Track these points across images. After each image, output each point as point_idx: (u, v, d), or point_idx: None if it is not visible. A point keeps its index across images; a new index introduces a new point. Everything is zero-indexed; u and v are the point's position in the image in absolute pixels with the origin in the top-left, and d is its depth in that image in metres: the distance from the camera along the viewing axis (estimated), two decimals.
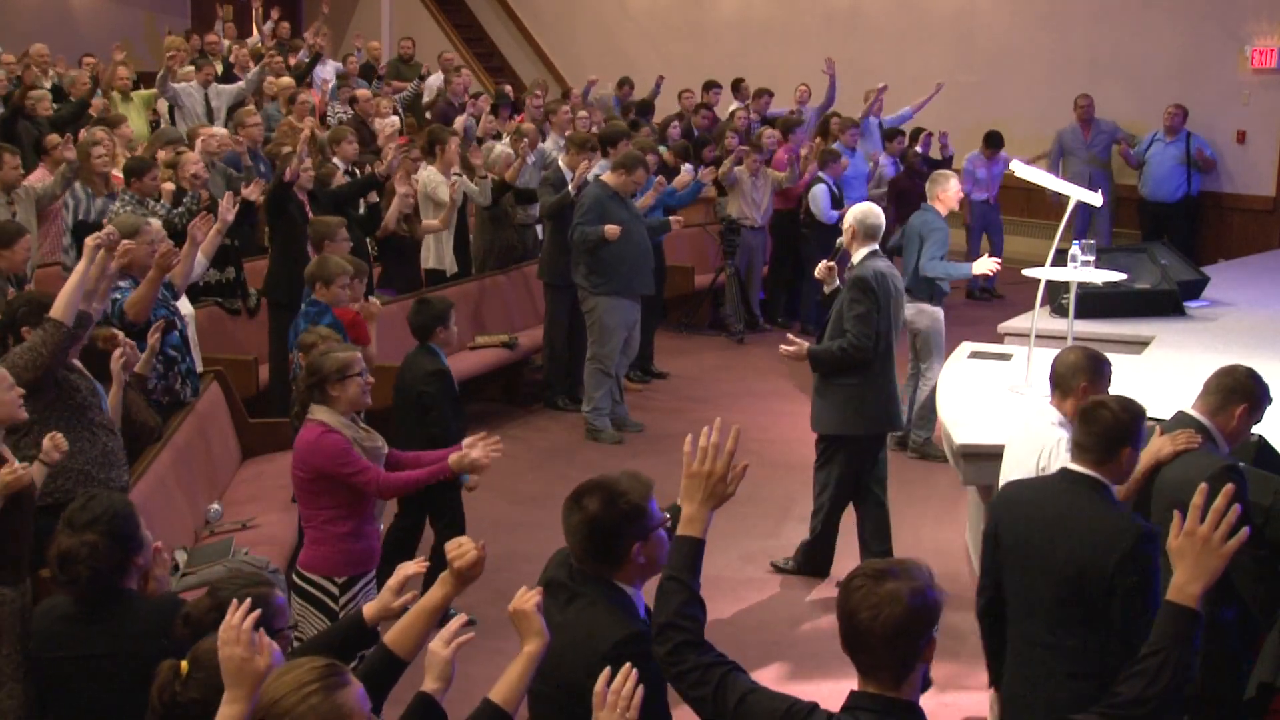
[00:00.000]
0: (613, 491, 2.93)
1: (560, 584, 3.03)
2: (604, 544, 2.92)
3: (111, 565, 3.25)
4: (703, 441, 2.80)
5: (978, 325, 9.05)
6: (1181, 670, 2.59)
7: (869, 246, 6.07)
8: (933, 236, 7.60)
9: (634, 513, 2.91)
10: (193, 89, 11.01)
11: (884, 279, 5.99)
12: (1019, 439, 4.51)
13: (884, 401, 6.09)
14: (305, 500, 4.65)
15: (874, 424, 6.12)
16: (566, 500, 3.00)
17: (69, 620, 3.26)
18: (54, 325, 4.54)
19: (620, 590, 2.97)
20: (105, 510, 3.29)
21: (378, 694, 2.92)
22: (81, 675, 3.22)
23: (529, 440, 8.54)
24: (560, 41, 17.35)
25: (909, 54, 14.17)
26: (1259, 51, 12.31)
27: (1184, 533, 2.63)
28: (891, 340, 6.05)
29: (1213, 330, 7.59)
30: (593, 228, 8.03)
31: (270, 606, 3.02)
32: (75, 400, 4.68)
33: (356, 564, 4.60)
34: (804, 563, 6.41)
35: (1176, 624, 2.64)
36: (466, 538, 3.03)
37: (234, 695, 2.53)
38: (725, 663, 2.66)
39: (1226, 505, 2.61)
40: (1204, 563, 2.60)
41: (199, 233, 6.10)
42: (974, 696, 5.29)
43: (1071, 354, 4.37)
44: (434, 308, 5.83)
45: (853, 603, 2.44)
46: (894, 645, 2.41)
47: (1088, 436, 3.62)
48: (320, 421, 4.51)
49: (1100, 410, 3.63)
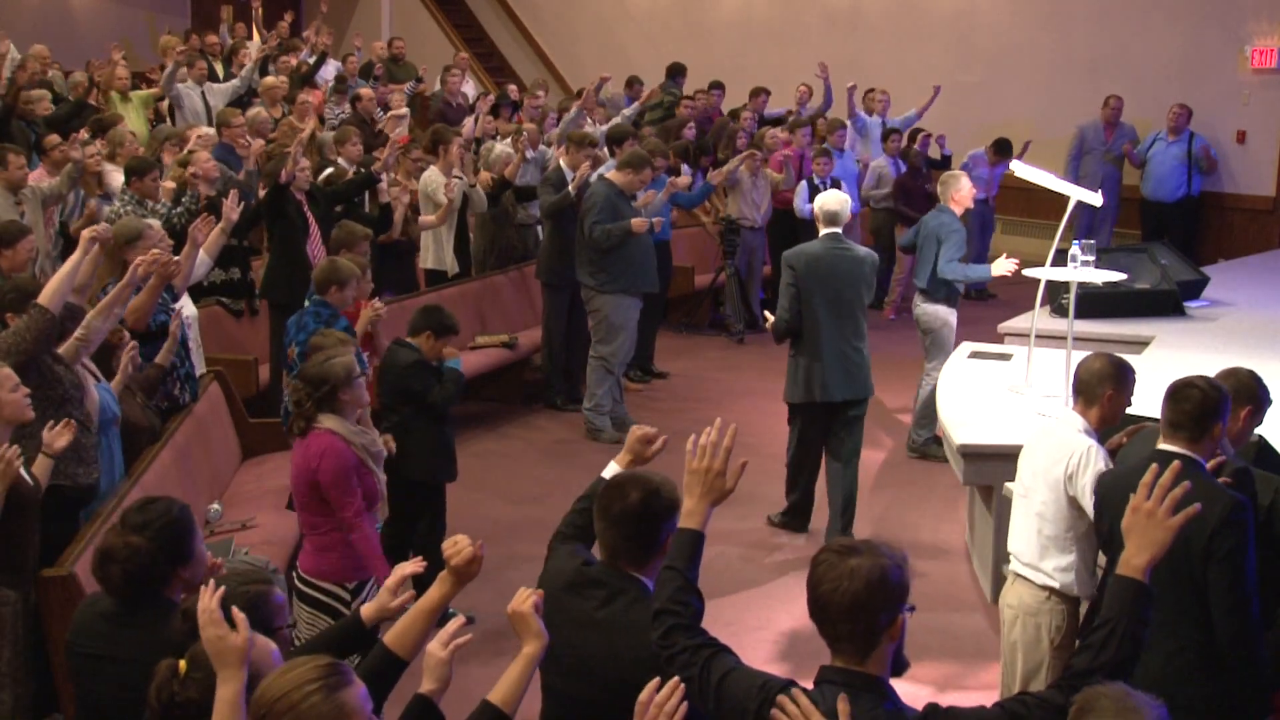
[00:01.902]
0: (652, 483, 3.05)
1: (594, 581, 3.06)
2: (648, 533, 3.02)
3: (149, 571, 3.21)
4: (703, 439, 2.90)
5: (978, 325, 9.05)
6: (1129, 642, 2.65)
7: (828, 229, 6.64)
8: (951, 239, 7.55)
9: (673, 505, 3.03)
10: (190, 88, 11.02)
11: (815, 260, 6.55)
12: (1040, 447, 4.45)
13: (813, 373, 6.58)
14: (309, 509, 4.59)
15: (804, 392, 6.62)
16: (605, 491, 3.08)
17: (106, 618, 3.25)
18: (40, 311, 4.55)
19: (648, 587, 3.03)
20: (159, 516, 3.28)
21: (379, 694, 2.92)
22: (107, 675, 3.21)
23: (529, 440, 8.54)
24: (560, 41, 17.35)
25: (909, 54, 14.17)
26: (1259, 51, 12.31)
27: (1130, 508, 2.74)
28: (820, 315, 6.51)
29: (1213, 330, 7.59)
30: (616, 224, 8.02)
31: (269, 604, 3.02)
32: (57, 392, 4.67)
33: (363, 569, 4.58)
34: (788, 519, 7.01)
35: (1123, 597, 2.70)
36: (463, 536, 3.03)
37: (224, 675, 2.60)
38: (713, 644, 2.76)
39: (1172, 482, 2.71)
40: (1150, 535, 2.70)
41: (199, 234, 6.10)
42: (974, 696, 5.28)
43: (1096, 361, 4.34)
44: (445, 320, 5.74)
45: (816, 575, 2.57)
46: (853, 618, 2.52)
47: (1179, 415, 3.76)
48: (330, 430, 4.47)
49: (1189, 389, 3.77)
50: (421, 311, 5.82)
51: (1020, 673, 4.47)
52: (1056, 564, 4.36)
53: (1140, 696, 2.41)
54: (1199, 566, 3.58)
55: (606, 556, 3.08)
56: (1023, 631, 4.45)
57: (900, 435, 8.43)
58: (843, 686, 2.52)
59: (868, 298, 6.68)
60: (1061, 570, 4.36)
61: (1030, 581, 4.43)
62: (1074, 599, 4.40)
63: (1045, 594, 4.39)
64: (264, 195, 7.79)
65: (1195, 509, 2.72)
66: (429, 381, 5.66)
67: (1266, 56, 12.27)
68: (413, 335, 5.74)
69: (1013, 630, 4.50)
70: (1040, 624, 4.40)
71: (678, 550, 2.88)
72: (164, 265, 5.48)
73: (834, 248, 6.59)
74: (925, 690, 5.18)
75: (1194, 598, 3.60)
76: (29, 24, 14.67)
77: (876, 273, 6.83)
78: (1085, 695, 2.45)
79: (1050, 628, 4.39)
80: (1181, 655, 3.63)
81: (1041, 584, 4.40)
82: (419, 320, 5.75)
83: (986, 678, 5.28)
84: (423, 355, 5.69)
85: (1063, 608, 4.39)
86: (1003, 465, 5.11)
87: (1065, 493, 4.29)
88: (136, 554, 3.20)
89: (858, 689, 2.52)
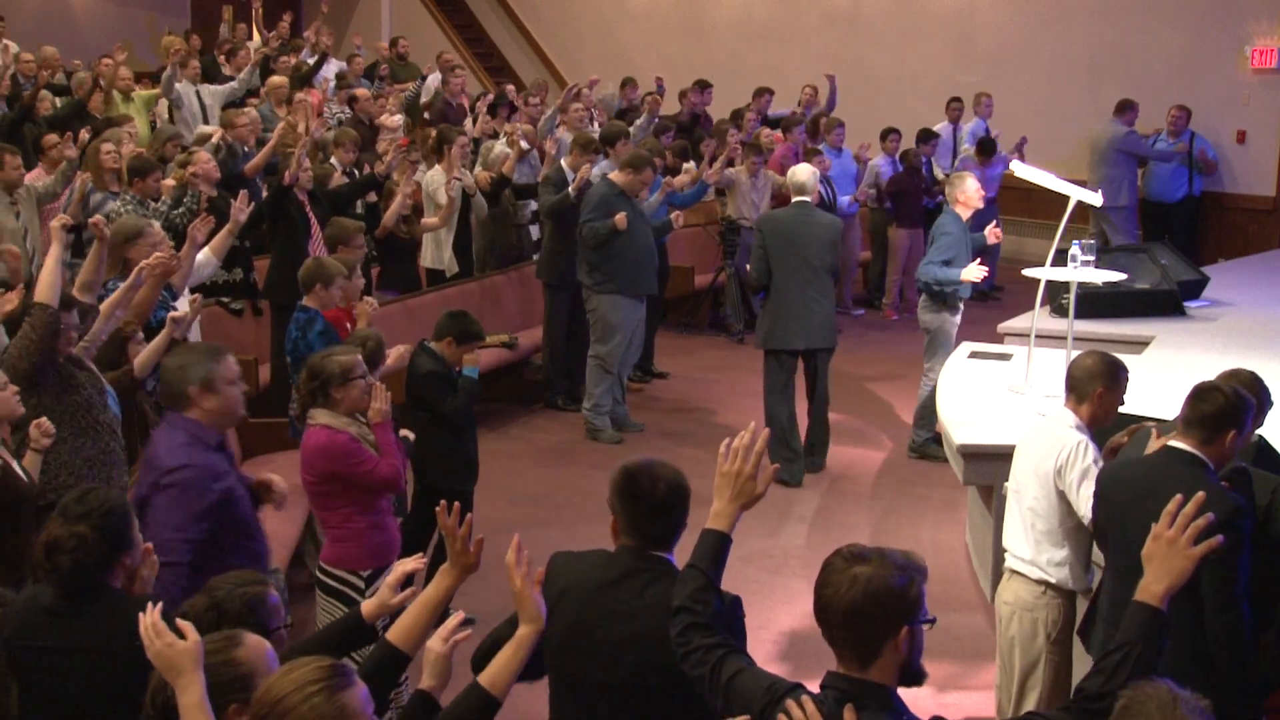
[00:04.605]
0: (673, 468, 3.08)
1: (631, 571, 3.01)
2: (680, 513, 3.05)
3: (96, 560, 3.21)
4: (735, 443, 2.93)
5: (978, 325, 9.04)
6: (1143, 668, 2.63)
7: (797, 198, 7.64)
8: (940, 241, 7.59)
9: (688, 490, 3.07)
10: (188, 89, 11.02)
11: (782, 224, 7.58)
12: (1033, 443, 4.49)
13: (772, 323, 7.61)
14: (320, 503, 4.68)
15: (766, 340, 7.66)
16: (630, 479, 3.02)
17: (48, 612, 3.23)
18: (39, 309, 4.55)
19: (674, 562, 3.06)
20: (99, 505, 3.28)
21: (382, 690, 2.93)
22: (55, 668, 3.19)
23: (529, 440, 8.54)
24: (560, 41, 17.35)
25: (909, 54, 14.17)
26: (1259, 51, 12.31)
27: (1152, 536, 2.73)
28: (787, 273, 7.47)
29: (1213, 330, 7.58)
30: (601, 222, 8.05)
31: (265, 606, 3.02)
32: (79, 397, 4.68)
33: (379, 556, 4.64)
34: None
35: (1140, 622, 2.69)
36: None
37: (181, 684, 2.61)
38: (727, 644, 2.77)
39: (1196, 512, 2.69)
40: (1170, 564, 2.69)
41: (199, 234, 6.10)
42: (974, 696, 5.29)
43: (1089, 359, 4.38)
44: (470, 327, 5.74)
45: (822, 578, 2.57)
46: (850, 626, 2.50)
47: (1196, 414, 3.77)
48: (324, 425, 4.53)
49: (1215, 393, 3.78)
50: (448, 316, 5.82)
51: (1017, 668, 4.48)
52: (1050, 558, 4.39)
53: (1189, 702, 2.37)
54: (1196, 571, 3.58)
55: (637, 540, 3.04)
56: (1019, 627, 4.47)
57: (900, 435, 8.43)
58: (844, 693, 2.51)
59: (832, 258, 7.62)
60: (1055, 565, 4.38)
61: (1025, 577, 4.46)
62: (1069, 593, 4.43)
63: (1041, 588, 4.41)
64: (267, 196, 7.80)
65: (1218, 541, 2.70)
66: (443, 392, 5.68)
67: (1266, 56, 12.27)
68: (436, 339, 5.76)
69: (1009, 626, 4.51)
70: (1036, 619, 4.42)
71: (704, 550, 2.90)
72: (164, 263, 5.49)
73: (799, 214, 7.58)
74: (925, 690, 5.17)
75: (1191, 603, 3.59)
76: (30, 24, 14.68)
77: (841, 236, 7.94)
78: (1132, 694, 2.42)
79: (1046, 622, 4.41)
80: (1178, 660, 3.61)
81: (1036, 578, 4.42)
82: (444, 325, 5.76)
83: (986, 678, 5.28)
84: (442, 362, 5.71)
85: (1058, 602, 4.41)
86: (1003, 465, 5.11)
87: (1055, 487, 4.32)
88: (83, 543, 3.20)
89: (858, 696, 2.50)
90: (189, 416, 3.92)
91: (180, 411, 3.95)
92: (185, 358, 4.02)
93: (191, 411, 3.92)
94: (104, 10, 16.36)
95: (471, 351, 5.73)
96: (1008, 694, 4.56)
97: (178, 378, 3.95)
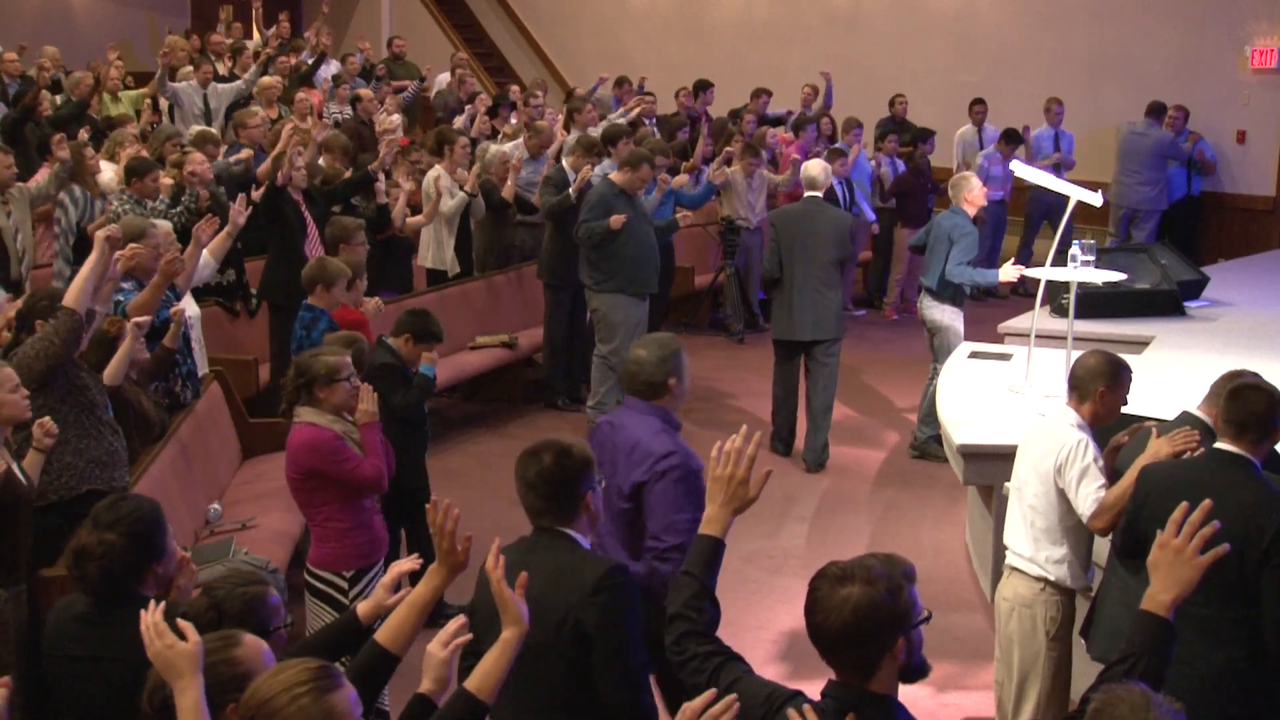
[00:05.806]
0: (563, 446, 3.21)
1: (520, 546, 3.18)
2: (564, 492, 3.15)
3: (124, 568, 3.22)
4: (727, 446, 2.90)
5: (978, 325, 9.03)
6: (1150, 677, 2.61)
7: (809, 193, 7.89)
8: (962, 241, 7.52)
9: (586, 463, 3.21)
10: (191, 89, 11.01)
11: (793, 218, 7.79)
12: (1035, 441, 4.50)
13: (781, 314, 7.90)
14: (303, 500, 4.69)
15: (775, 329, 8.03)
16: (521, 458, 3.23)
17: (80, 620, 3.25)
18: (67, 314, 4.54)
19: (578, 540, 3.17)
20: (130, 512, 3.28)
21: (371, 691, 2.93)
22: (86, 676, 3.20)
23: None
24: (560, 41, 17.35)
25: (909, 54, 14.17)
26: (1259, 51, 12.31)
27: (1157, 545, 2.71)
28: (796, 266, 7.69)
29: (1213, 330, 7.58)
30: (598, 221, 8.05)
31: (264, 606, 3.03)
32: (85, 398, 4.69)
33: (362, 556, 4.64)
34: (773, 444, 8.11)
35: (1147, 632, 2.69)
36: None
37: (179, 686, 2.61)
38: (724, 652, 2.76)
39: (1202, 521, 2.68)
40: (1177, 574, 2.68)
41: (203, 234, 6.10)
42: (974, 696, 5.29)
43: (1092, 358, 4.38)
44: (428, 326, 5.67)
45: (810, 603, 2.52)
46: (845, 648, 2.48)
47: (1247, 415, 3.76)
48: (308, 423, 4.55)
49: (1254, 391, 3.79)
50: (408, 314, 5.77)
51: (1016, 665, 4.49)
52: (1049, 555, 4.40)
53: (1161, 705, 2.34)
54: (1254, 572, 3.56)
55: (533, 519, 3.21)
56: (1019, 623, 4.47)
57: (903, 435, 8.43)
58: (846, 703, 2.48)
59: (840, 252, 7.77)
60: (1055, 562, 4.39)
61: (1025, 574, 4.47)
62: (1069, 590, 4.43)
63: (1040, 585, 4.42)
64: (260, 197, 7.77)
65: (1224, 549, 2.68)
66: (394, 385, 5.53)
67: (1266, 56, 12.26)
68: (395, 335, 5.71)
69: (1009, 623, 4.51)
70: (1035, 615, 4.43)
71: (696, 557, 2.88)
72: (169, 263, 5.49)
73: (811, 208, 7.78)
74: (925, 690, 5.19)
75: (1247, 608, 3.58)
76: (29, 24, 14.67)
77: (852, 231, 8.17)
78: (1104, 697, 2.38)
79: (1045, 619, 4.42)
80: (1232, 666, 3.61)
81: (1036, 575, 4.43)
82: (404, 321, 5.70)
83: (986, 678, 5.27)
84: (398, 356, 5.63)
85: (1057, 599, 4.41)
86: (1003, 465, 5.11)
87: (1055, 485, 4.33)
88: (111, 551, 3.21)
89: (859, 705, 2.48)
90: (659, 404, 4.16)
91: (652, 400, 4.16)
92: (656, 350, 4.19)
93: (664, 400, 4.16)
94: (104, 10, 16.36)
95: (430, 350, 5.66)
96: (1007, 691, 4.56)
97: (657, 370, 4.15)
